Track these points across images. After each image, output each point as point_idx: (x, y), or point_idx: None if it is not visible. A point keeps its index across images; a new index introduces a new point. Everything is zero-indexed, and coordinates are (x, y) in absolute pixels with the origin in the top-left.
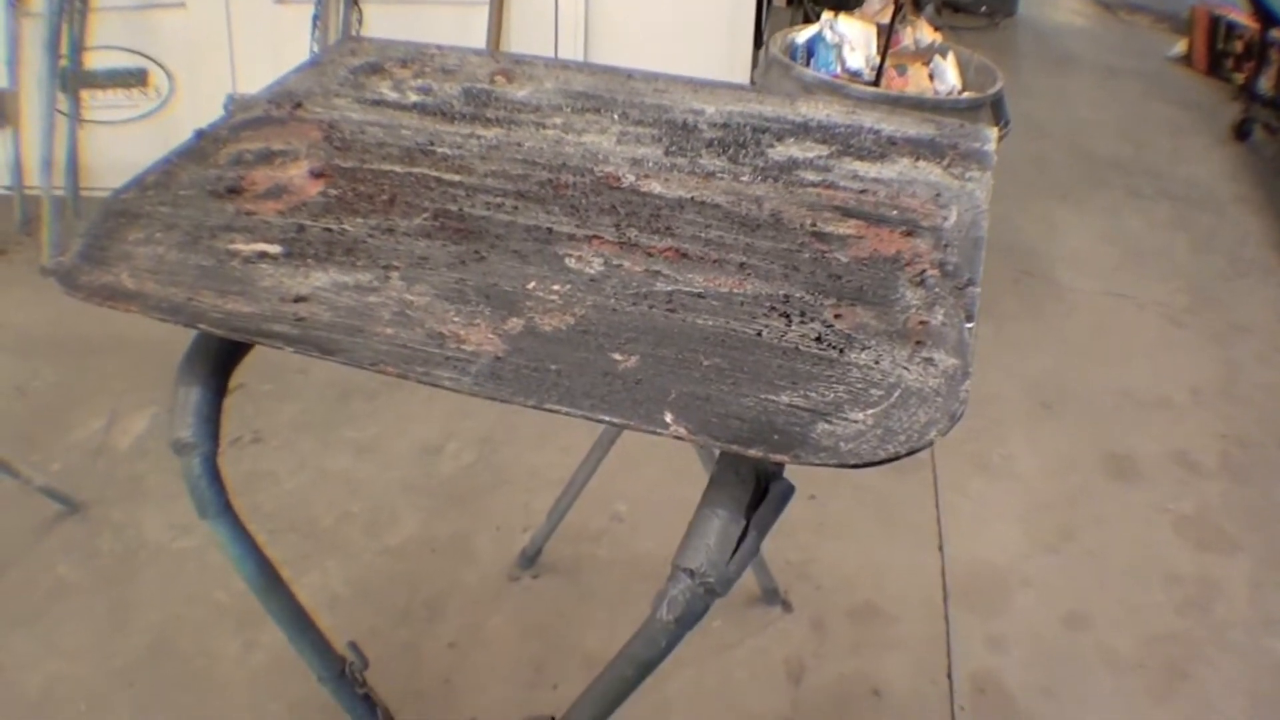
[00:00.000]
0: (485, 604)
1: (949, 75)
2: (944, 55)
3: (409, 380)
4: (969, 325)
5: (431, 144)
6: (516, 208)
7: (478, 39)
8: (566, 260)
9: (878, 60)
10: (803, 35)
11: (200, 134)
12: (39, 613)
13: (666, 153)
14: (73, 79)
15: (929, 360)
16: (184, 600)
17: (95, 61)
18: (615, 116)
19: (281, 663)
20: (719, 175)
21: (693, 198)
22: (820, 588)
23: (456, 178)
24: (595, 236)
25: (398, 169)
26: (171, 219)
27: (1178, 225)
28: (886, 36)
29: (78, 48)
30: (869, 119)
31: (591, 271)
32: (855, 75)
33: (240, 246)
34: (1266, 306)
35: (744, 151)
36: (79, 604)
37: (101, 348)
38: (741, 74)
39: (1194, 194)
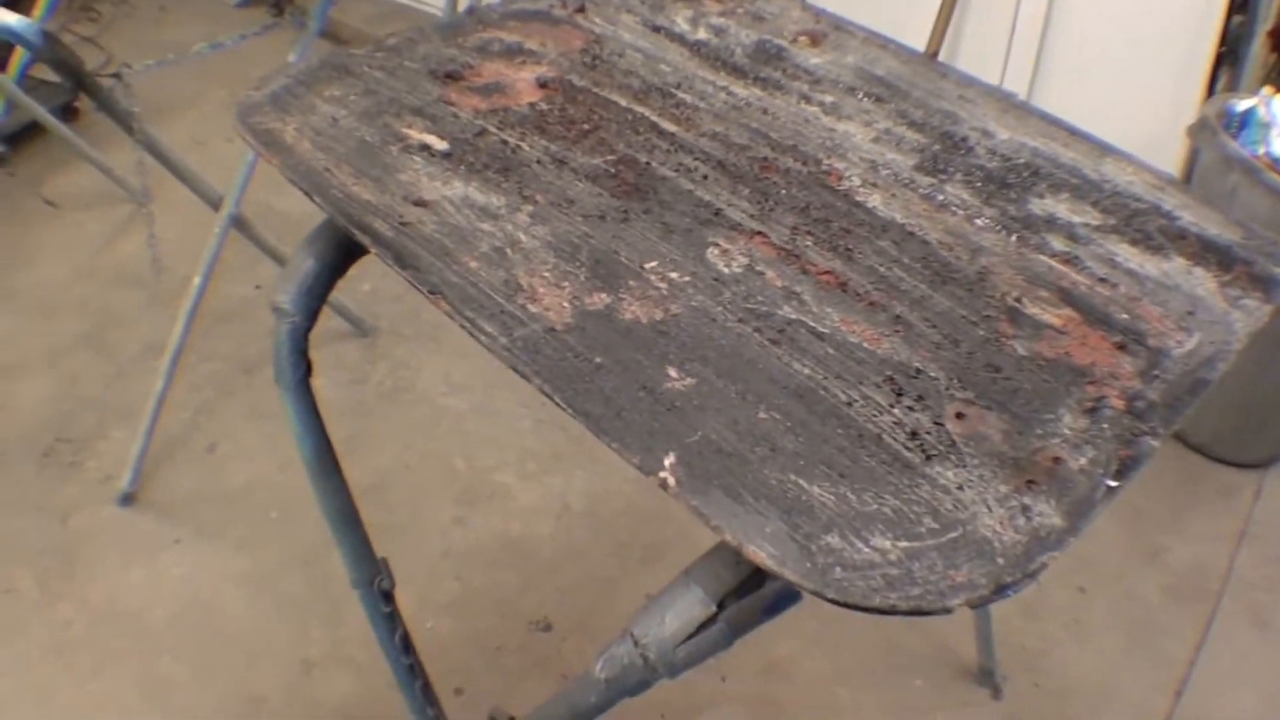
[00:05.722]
0: None
1: None
2: None
3: (453, 321)
4: (1111, 484)
5: (677, 87)
6: (706, 178)
7: (918, 32)
8: (709, 250)
9: None
10: (1244, 103)
11: (471, 9)
12: (275, 413)
13: (917, 166)
14: None
15: (1026, 508)
16: (420, 455)
17: None
18: (892, 110)
19: (473, 551)
20: (954, 209)
21: (904, 224)
22: (1038, 686)
23: (673, 129)
24: (761, 234)
25: (622, 102)
26: (375, 86)
27: None
28: None
29: None
30: (1171, 201)
31: (726, 270)
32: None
33: (412, 133)
34: None
35: (1004, 191)
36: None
37: None
38: (1186, 117)
39: None
